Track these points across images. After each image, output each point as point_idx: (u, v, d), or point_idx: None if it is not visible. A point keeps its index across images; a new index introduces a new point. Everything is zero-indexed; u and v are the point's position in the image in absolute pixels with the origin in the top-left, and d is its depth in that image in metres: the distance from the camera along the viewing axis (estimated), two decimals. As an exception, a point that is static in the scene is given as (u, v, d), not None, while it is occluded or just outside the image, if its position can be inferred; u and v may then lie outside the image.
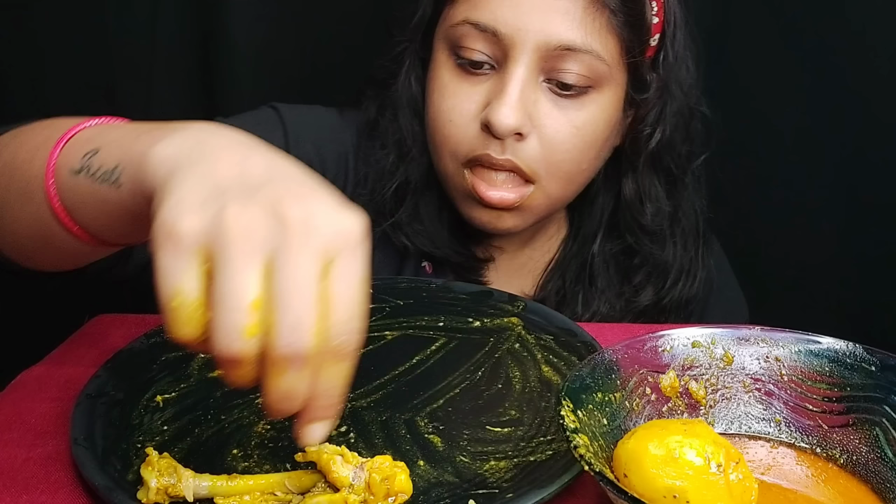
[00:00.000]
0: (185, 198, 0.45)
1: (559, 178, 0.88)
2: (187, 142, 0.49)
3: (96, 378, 0.68)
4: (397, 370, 0.72)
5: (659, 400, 0.61)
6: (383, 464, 0.53)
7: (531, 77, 0.84)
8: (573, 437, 0.52)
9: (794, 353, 0.62)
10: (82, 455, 0.58)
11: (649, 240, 0.96)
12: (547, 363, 0.73)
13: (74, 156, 0.58)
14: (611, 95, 0.88)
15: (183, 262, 0.44)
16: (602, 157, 0.93)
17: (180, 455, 0.60)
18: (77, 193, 0.57)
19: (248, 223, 0.44)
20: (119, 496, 0.54)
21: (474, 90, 0.86)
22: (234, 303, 0.43)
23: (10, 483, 0.59)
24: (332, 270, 0.45)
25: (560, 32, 0.82)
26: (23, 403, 0.69)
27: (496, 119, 0.83)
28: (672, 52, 0.91)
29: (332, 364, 0.46)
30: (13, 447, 0.63)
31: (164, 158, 0.49)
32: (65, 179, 0.58)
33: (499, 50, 0.84)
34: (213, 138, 0.50)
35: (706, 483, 0.51)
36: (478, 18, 0.84)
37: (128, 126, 0.60)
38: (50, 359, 0.76)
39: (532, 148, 0.86)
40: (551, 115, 0.86)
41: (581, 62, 0.83)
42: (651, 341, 0.62)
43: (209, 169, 0.47)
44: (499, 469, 0.60)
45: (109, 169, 0.54)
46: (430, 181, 0.95)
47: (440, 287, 0.85)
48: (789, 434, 0.61)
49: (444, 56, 0.89)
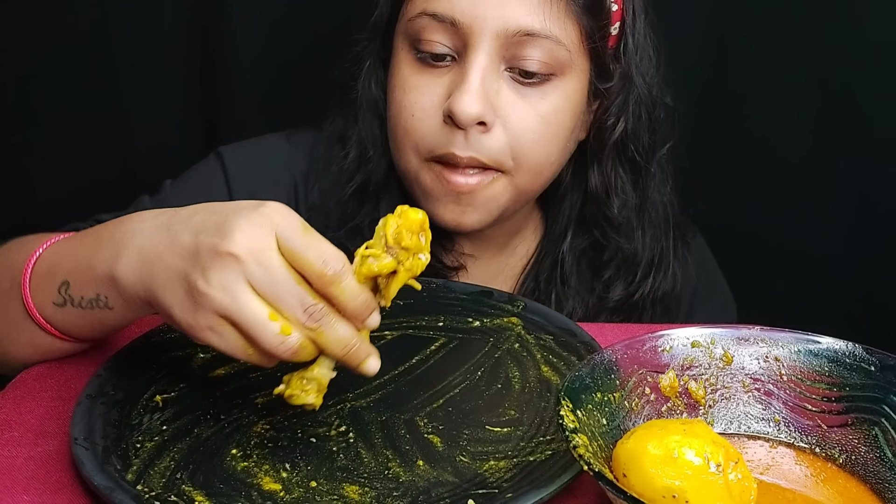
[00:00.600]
0: (176, 302, 0.59)
1: (528, 170, 0.87)
2: (135, 256, 0.62)
3: (96, 378, 0.68)
4: (397, 370, 0.72)
5: (658, 400, 0.61)
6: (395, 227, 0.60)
7: (492, 65, 0.83)
8: (572, 437, 0.52)
9: (794, 352, 0.62)
10: (82, 455, 0.58)
11: (616, 232, 0.95)
12: (546, 363, 0.74)
13: (48, 292, 0.69)
14: (574, 83, 0.87)
15: (222, 333, 0.59)
16: (569, 148, 0.91)
17: (180, 455, 0.61)
18: (69, 319, 0.69)
19: (216, 283, 0.57)
20: (119, 496, 0.54)
21: (436, 83, 0.85)
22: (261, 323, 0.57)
23: (10, 483, 0.59)
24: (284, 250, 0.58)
25: (518, 18, 0.81)
26: (23, 403, 0.69)
27: (458, 108, 0.82)
28: (633, 40, 0.91)
29: (337, 288, 0.58)
30: (13, 446, 0.63)
31: (130, 278, 0.62)
32: (52, 313, 0.69)
33: (458, 40, 0.83)
34: (148, 241, 0.62)
35: (705, 483, 0.51)
36: (435, 9, 0.83)
37: (71, 243, 0.71)
38: (50, 358, 0.76)
39: (497, 139, 0.84)
40: (515, 104, 0.84)
41: (542, 48, 0.83)
42: (650, 341, 0.62)
43: (166, 269, 0.60)
44: (498, 469, 0.60)
45: (93, 298, 0.66)
46: (392, 185, 0.94)
47: (440, 287, 0.86)
48: (788, 434, 0.61)
49: (404, 52, 0.87)
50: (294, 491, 0.57)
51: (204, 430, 0.64)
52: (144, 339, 0.75)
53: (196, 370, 0.72)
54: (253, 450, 0.62)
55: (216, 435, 0.63)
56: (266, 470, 0.60)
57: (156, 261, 0.61)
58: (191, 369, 0.72)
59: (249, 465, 0.60)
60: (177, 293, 0.59)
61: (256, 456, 0.61)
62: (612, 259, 0.96)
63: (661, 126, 0.96)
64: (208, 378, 0.71)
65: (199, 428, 0.64)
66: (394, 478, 0.59)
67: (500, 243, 0.99)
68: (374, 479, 0.59)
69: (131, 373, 0.70)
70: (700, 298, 1.03)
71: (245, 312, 0.57)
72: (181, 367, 0.72)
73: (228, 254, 0.57)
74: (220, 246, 0.57)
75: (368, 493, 0.57)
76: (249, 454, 0.61)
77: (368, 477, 0.59)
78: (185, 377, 0.71)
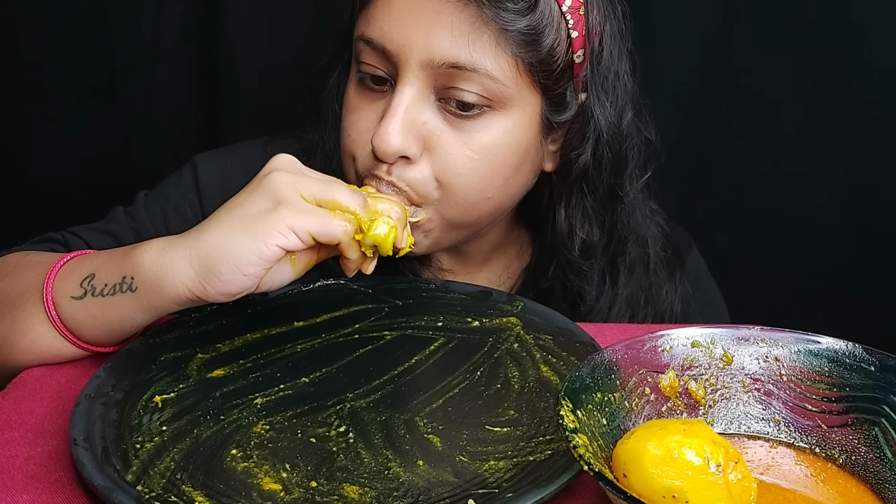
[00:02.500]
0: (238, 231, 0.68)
1: (457, 204, 0.83)
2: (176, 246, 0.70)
3: (96, 378, 0.68)
4: (396, 370, 0.72)
5: (658, 400, 0.61)
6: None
7: (420, 96, 0.80)
8: (572, 437, 0.52)
9: (794, 352, 0.62)
10: (81, 455, 0.58)
11: (576, 276, 0.91)
12: (545, 363, 0.73)
13: (69, 287, 0.72)
14: (517, 118, 0.82)
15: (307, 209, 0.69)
16: (518, 183, 0.86)
17: (179, 455, 0.60)
18: (83, 313, 0.72)
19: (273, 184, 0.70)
20: (119, 496, 0.54)
21: (371, 107, 0.83)
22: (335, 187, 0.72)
23: (10, 482, 0.59)
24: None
25: (443, 49, 0.77)
26: (23, 403, 0.69)
27: (377, 141, 0.79)
28: (598, 69, 0.85)
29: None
30: (13, 446, 0.63)
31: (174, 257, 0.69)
32: (66, 307, 0.72)
33: (391, 67, 0.80)
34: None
35: (705, 483, 0.51)
36: (369, 35, 0.81)
37: (103, 252, 0.76)
38: (49, 359, 0.76)
39: (421, 172, 0.81)
40: (443, 137, 0.80)
41: (472, 81, 0.78)
42: (650, 341, 0.62)
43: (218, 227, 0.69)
44: (498, 469, 0.60)
45: (116, 282, 0.70)
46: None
47: (439, 287, 0.85)
48: (788, 434, 0.61)
49: (354, 70, 0.85)
50: (294, 491, 0.57)
51: (203, 431, 0.64)
52: (144, 340, 0.75)
53: (195, 371, 0.72)
54: (253, 450, 0.62)
55: (216, 435, 0.63)
56: (266, 470, 0.59)
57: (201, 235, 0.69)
58: (190, 370, 0.72)
59: (249, 466, 0.60)
60: (239, 224, 0.68)
61: (256, 456, 0.61)
62: (583, 302, 0.93)
63: (637, 155, 0.91)
64: (208, 378, 0.71)
65: (198, 428, 0.64)
66: (394, 478, 0.59)
67: (479, 261, 0.97)
68: (374, 479, 0.59)
69: (131, 373, 0.70)
70: (694, 317, 1.00)
71: (310, 184, 0.70)
72: (180, 367, 0.72)
73: (272, 171, 0.70)
74: (262, 174, 0.71)
75: (368, 493, 0.57)
76: (249, 454, 0.61)
77: (368, 477, 0.59)
78: (185, 378, 0.71)
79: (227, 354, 0.74)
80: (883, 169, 1.18)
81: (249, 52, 1.21)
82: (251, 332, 0.77)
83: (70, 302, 0.72)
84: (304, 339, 0.77)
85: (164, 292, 0.69)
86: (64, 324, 0.72)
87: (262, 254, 0.67)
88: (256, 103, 1.23)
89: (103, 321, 0.72)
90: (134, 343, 0.74)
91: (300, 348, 0.75)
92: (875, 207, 1.20)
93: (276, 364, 0.73)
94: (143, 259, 0.69)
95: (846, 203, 1.22)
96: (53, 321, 0.72)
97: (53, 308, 0.72)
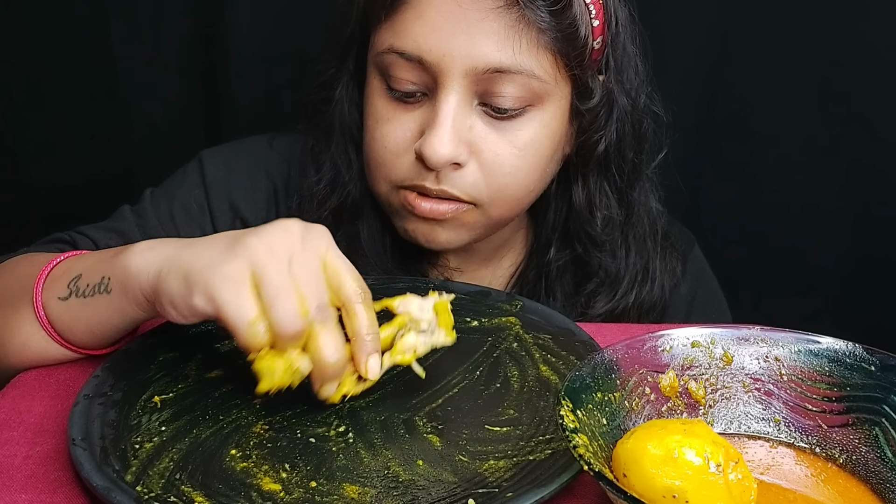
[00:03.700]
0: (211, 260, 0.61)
1: (503, 201, 0.85)
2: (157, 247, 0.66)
3: (94, 378, 0.68)
4: (396, 370, 0.72)
5: (658, 400, 0.61)
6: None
7: (464, 103, 0.81)
8: (572, 437, 0.52)
9: (794, 352, 0.62)
10: (80, 455, 0.58)
11: (598, 249, 0.93)
12: (545, 363, 0.73)
13: (58, 288, 0.71)
14: (553, 111, 0.84)
15: (244, 293, 0.60)
16: (550, 172, 0.89)
17: (179, 455, 0.60)
18: (69, 313, 0.70)
19: (266, 240, 0.62)
20: (118, 496, 0.54)
21: (408, 117, 0.83)
22: (286, 291, 0.60)
23: (8, 482, 0.59)
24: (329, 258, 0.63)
25: (487, 55, 0.78)
26: (22, 403, 0.69)
27: (429, 152, 0.80)
28: (616, 53, 0.88)
29: (354, 311, 0.63)
30: (12, 446, 0.63)
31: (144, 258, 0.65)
32: (53, 308, 0.71)
33: (428, 77, 0.81)
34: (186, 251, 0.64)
35: (705, 483, 0.51)
36: (402, 47, 0.80)
37: (98, 252, 0.75)
38: (48, 358, 0.76)
39: (471, 175, 0.83)
40: (489, 139, 0.82)
41: (515, 83, 0.80)
42: (650, 341, 0.62)
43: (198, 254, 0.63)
44: (498, 468, 0.60)
45: (96, 283, 0.68)
46: (367, 206, 0.93)
47: (438, 287, 0.85)
48: (789, 434, 0.61)
49: (376, 82, 0.85)
50: (294, 491, 0.57)
51: (203, 431, 0.64)
52: (142, 340, 0.75)
53: (194, 371, 0.72)
54: (252, 450, 0.62)
55: (215, 435, 0.63)
56: (266, 470, 0.59)
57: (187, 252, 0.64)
58: (189, 370, 0.72)
59: (249, 466, 0.60)
60: (211, 252, 0.62)
61: (256, 456, 0.61)
62: (595, 274, 0.95)
63: (649, 138, 0.94)
64: (207, 378, 0.71)
65: (197, 428, 0.64)
66: (394, 478, 0.59)
67: (486, 256, 0.98)
68: (373, 479, 0.59)
69: (129, 373, 0.69)
70: (696, 314, 1.01)
71: (276, 276, 0.60)
72: (179, 367, 0.72)
73: (291, 222, 0.63)
74: (286, 221, 0.64)
75: (368, 493, 0.57)
76: (249, 454, 0.61)
77: (368, 477, 0.59)
78: (184, 378, 0.70)
79: (226, 354, 0.74)
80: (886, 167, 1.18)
81: (250, 51, 1.20)
82: (250, 332, 0.77)
83: (57, 303, 0.71)
84: (304, 338, 0.76)
85: (128, 293, 0.66)
86: (52, 325, 0.71)
87: (210, 289, 0.61)
88: (256, 103, 1.23)
89: (86, 323, 0.71)
90: (132, 343, 0.74)
91: (299, 348, 0.75)
92: (877, 209, 1.20)
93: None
94: (124, 259, 0.67)
95: (847, 204, 1.22)
96: (41, 322, 0.71)
97: (42, 309, 0.71)
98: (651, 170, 0.96)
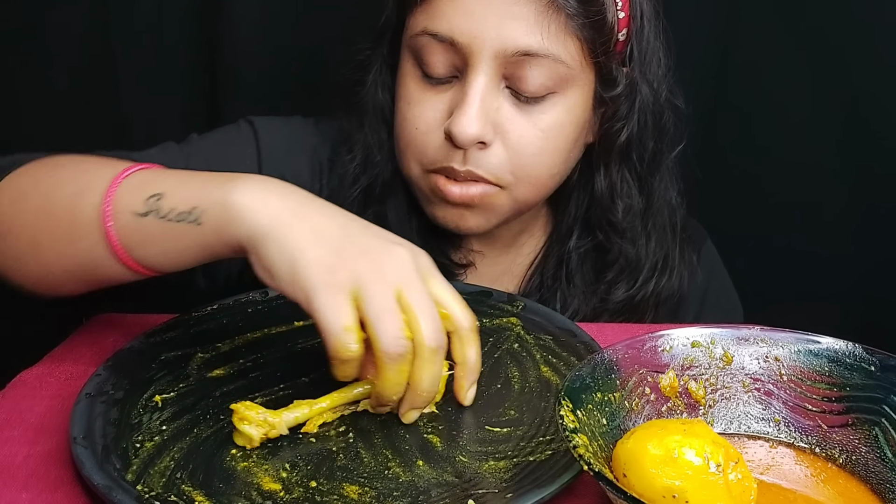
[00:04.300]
0: (319, 259, 0.60)
1: (529, 183, 0.88)
2: (270, 198, 0.63)
3: (96, 377, 0.68)
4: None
5: (658, 400, 0.61)
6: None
7: (492, 84, 0.83)
8: (572, 437, 0.52)
9: (794, 352, 0.62)
10: (81, 454, 0.58)
11: (620, 237, 0.96)
12: (546, 363, 0.73)
13: (134, 200, 0.66)
14: (577, 96, 0.87)
15: (342, 301, 0.59)
16: (573, 157, 0.92)
17: (179, 454, 0.60)
18: (141, 233, 0.66)
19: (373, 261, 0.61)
20: (118, 495, 0.54)
21: (438, 99, 0.86)
22: (391, 319, 0.60)
23: (9, 481, 0.59)
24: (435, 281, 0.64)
25: (516, 38, 0.81)
26: (23, 402, 0.69)
27: (457, 130, 0.83)
28: (640, 46, 0.90)
29: (469, 338, 0.65)
30: (13, 445, 0.63)
31: (251, 208, 0.62)
32: (126, 222, 0.66)
33: (458, 59, 0.84)
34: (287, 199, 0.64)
35: (705, 483, 0.51)
36: (435, 28, 0.83)
37: (179, 172, 0.70)
38: (50, 357, 0.76)
39: (496, 155, 0.85)
40: (515, 120, 0.85)
41: (541, 66, 0.82)
42: (650, 341, 0.62)
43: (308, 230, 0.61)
44: (498, 469, 0.60)
45: (185, 210, 0.64)
46: (397, 187, 0.95)
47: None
48: (789, 434, 0.61)
49: (409, 65, 0.88)
50: (294, 491, 0.57)
51: (204, 430, 0.64)
52: (144, 339, 0.75)
53: (195, 370, 0.72)
54: (253, 450, 0.62)
55: (216, 435, 0.63)
56: (266, 470, 0.59)
57: (303, 219, 0.62)
58: (190, 369, 0.72)
59: (249, 465, 0.60)
60: (320, 249, 0.60)
61: (256, 456, 0.61)
62: (615, 261, 0.97)
63: (669, 131, 0.96)
64: (208, 378, 0.71)
65: (198, 428, 0.64)
66: (394, 478, 0.59)
67: (507, 241, 1.00)
68: (374, 479, 0.59)
69: (131, 372, 0.70)
70: (709, 305, 1.03)
71: (382, 297, 0.59)
72: (181, 366, 0.72)
73: (400, 247, 0.62)
74: (395, 246, 0.62)
75: (368, 493, 0.57)
76: (249, 454, 0.61)
77: (368, 477, 0.59)
78: (185, 377, 0.71)
79: (227, 354, 0.74)
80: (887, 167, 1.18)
81: (250, 50, 1.20)
82: (251, 332, 0.77)
83: (131, 218, 0.65)
84: (304, 339, 0.77)
85: (223, 234, 0.63)
86: (119, 239, 0.66)
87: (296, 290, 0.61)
88: (257, 103, 1.23)
89: (161, 247, 0.66)
90: (134, 342, 0.74)
91: (300, 348, 0.76)
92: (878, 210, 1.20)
93: (276, 364, 0.73)
94: (226, 194, 0.63)
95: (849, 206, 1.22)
96: (107, 234, 0.66)
97: (110, 220, 0.66)
98: (670, 161, 0.98)
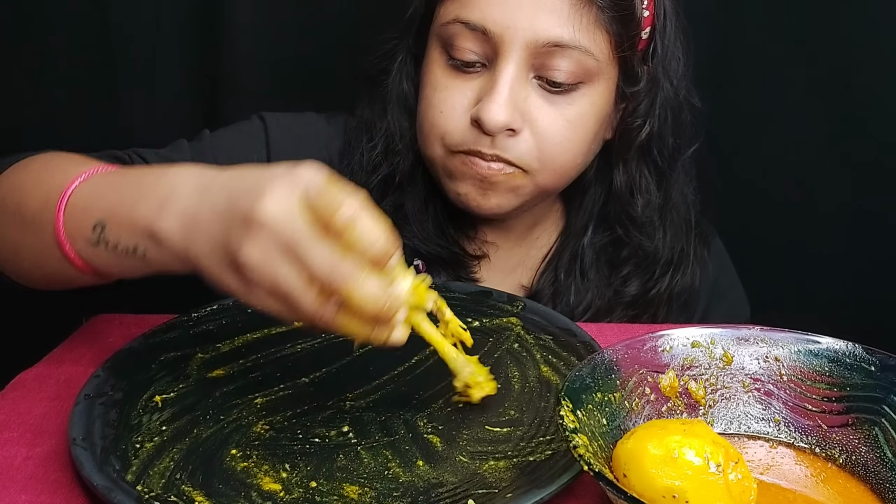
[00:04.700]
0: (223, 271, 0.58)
1: (552, 171, 0.89)
2: (178, 218, 0.60)
3: (95, 378, 0.68)
4: (397, 370, 0.72)
5: (658, 400, 0.61)
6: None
7: (521, 74, 0.85)
8: (572, 437, 0.52)
9: (794, 352, 0.62)
10: (81, 455, 0.58)
11: (638, 231, 0.97)
12: (546, 363, 0.73)
13: (82, 228, 0.65)
14: (602, 89, 0.88)
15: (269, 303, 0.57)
16: (594, 150, 0.94)
17: (179, 455, 0.60)
18: (101, 258, 0.65)
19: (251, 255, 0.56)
20: (118, 496, 0.54)
21: (466, 86, 0.88)
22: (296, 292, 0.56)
23: (8, 482, 0.59)
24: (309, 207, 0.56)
25: (548, 29, 0.83)
26: (22, 403, 0.69)
27: (486, 116, 0.84)
28: (662, 44, 0.92)
29: (353, 233, 0.56)
30: (12, 446, 0.63)
31: (173, 238, 0.60)
32: (82, 247, 0.65)
33: (489, 48, 0.85)
34: (189, 203, 0.60)
35: (705, 483, 0.51)
36: (468, 17, 0.85)
37: (117, 178, 0.68)
38: (49, 358, 0.76)
39: (524, 142, 0.87)
40: (542, 109, 0.86)
41: (570, 58, 0.84)
42: (651, 341, 0.62)
43: (207, 237, 0.58)
44: (498, 469, 0.60)
45: (130, 247, 0.63)
46: (416, 177, 0.96)
47: (439, 287, 0.85)
48: (788, 434, 0.61)
49: (436, 53, 0.90)
50: (294, 491, 0.57)
51: (203, 431, 0.64)
52: (144, 339, 0.75)
53: (195, 370, 0.72)
54: (253, 450, 0.62)
55: (216, 435, 0.63)
56: (266, 470, 0.59)
57: (196, 227, 0.59)
58: (190, 369, 0.72)
59: (249, 466, 0.60)
60: (221, 262, 0.58)
61: (256, 456, 0.61)
62: (632, 256, 0.98)
63: (687, 128, 0.98)
64: (207, 378, 0.71)
65: (198, 428, 0.64)
66: (394, 478, 0.59)
67: (521, 233, 1.01)
68: (374, 479, 0.59)
69: (130, 373, 0.70)
70: (718, 299, 1.05)
71: (280, 284, 0.56)
72: (180, 367, 0.72)
73: (258, 222, 0.56)
74: (250, 213, 0.56)
75: (368, 493, 0.57)
76: (249, 454, 0.61)
77: (368, 477, 0.59)
78: (185, 377, 0.71)
79: (227, 354, 0.74)
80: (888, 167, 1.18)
81: (250, 51, 1.20)
82: (251, 332, 0.77)
83: (86, 246, 0.65)
84: (304, 339, 0.77)
85: (169, 263, 0.62)
86: (84, 261, 0.66)
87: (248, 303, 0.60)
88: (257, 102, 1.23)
89: (120, 269, 0.66)
90: (133, 342, 0.74)
91: (300, 348, 0.75)
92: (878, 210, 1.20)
93: (276, 364, 0.73)
94: (152, 229, 0.61)
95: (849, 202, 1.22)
96: (72, 259, 0.66)
97: (68, 246, 0.66)
98: (687, 158, 0.99)
